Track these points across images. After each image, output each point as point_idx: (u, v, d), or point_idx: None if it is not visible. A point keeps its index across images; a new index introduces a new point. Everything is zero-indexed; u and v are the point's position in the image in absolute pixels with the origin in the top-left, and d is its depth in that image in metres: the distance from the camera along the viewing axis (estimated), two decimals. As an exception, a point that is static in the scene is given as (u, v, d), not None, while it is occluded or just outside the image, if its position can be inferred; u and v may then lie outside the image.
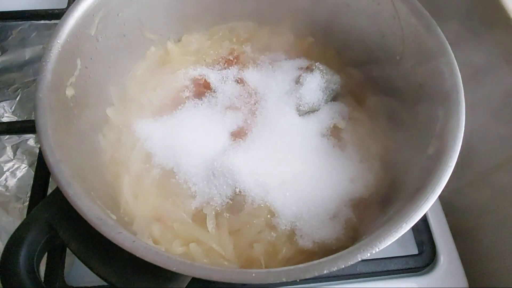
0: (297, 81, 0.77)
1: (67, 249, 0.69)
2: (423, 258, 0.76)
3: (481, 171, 0.82)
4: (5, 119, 0.96)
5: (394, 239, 0.48)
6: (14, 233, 0.51)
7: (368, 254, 0.46)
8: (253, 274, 0.46)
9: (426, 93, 0.64)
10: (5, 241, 0.80)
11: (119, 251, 0.47)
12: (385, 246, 0.47)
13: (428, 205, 0.50)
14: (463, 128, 0.55)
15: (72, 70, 0.64)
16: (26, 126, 0.81)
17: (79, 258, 0.52)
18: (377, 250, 0.47)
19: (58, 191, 0.50)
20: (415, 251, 0.78)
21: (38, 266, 0.53)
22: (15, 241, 0.50)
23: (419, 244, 0.78)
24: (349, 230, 0.64)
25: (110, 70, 0.74)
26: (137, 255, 0.46)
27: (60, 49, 0.60)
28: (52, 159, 0.51)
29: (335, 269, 0.46)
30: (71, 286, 0.69)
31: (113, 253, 0.51)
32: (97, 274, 0.51)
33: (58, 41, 0.60)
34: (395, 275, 0.75)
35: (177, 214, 0.65)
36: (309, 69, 0.78)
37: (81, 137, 0.66)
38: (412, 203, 0.51)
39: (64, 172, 0.50)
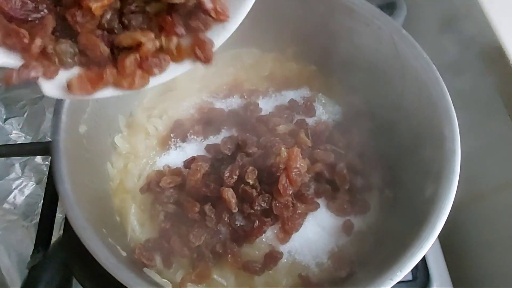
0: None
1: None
2: (417, 284, 0.77)
3: (477, 195, 0.85)
4: (13, 136, 0.99)
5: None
6: (31, 271, 0.54)
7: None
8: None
9: (424, 135, 0.66)
10: (14, 260, 0.82)
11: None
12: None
13: (420, 256, 0.53)
14: (458, 176, 0.58)
15: (85, 106, 0.66)
16: (36, 149, 0.82)
17: (92, 299, 0.54)
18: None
19: (73, 233, 0.53)
20: (409, 277, 0.78)
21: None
22: (33, 279, 0.53)
23: (413, 270, 0.79)
24: (346, 264, 0.67)
25: (118, 99, 0.75)
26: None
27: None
28: (68, 202, 0.53)
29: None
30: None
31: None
32: (110, 315, 0.54)
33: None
34: (388, 301, 0.78)
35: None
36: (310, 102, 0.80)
37: (91, 167, 0.68)
38: (406, 252, 0.53)
39: (79, 216, 0.53)
